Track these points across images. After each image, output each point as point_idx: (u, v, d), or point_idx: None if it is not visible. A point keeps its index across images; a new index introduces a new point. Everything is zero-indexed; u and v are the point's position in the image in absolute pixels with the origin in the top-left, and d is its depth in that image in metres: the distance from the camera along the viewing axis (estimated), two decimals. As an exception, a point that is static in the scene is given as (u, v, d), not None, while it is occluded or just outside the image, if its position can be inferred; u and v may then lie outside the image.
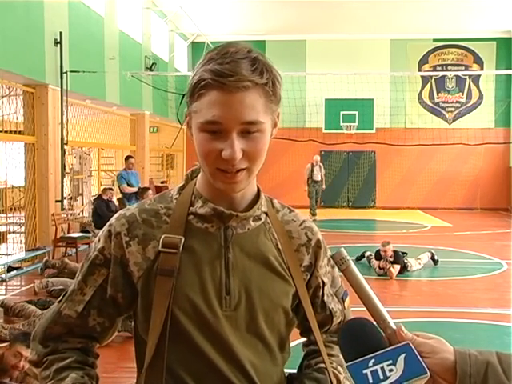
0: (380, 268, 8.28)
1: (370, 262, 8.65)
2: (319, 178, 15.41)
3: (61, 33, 9.72)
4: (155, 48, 15.75)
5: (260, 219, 1.24)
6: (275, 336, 1.22)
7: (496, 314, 6.45)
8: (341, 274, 1.10)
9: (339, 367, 1.30)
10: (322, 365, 1.27)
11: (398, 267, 8.17)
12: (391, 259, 8.18)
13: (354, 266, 1.00)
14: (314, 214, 15.32)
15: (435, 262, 8.96)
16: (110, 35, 12.41)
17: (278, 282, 1.21)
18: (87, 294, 1.22)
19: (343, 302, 1.33)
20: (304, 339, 1.39)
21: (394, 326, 0.95)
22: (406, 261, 8.40)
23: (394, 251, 8.26)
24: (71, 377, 1.18)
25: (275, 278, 1.21)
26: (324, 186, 15.88)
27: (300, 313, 1.25)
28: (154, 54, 15.53)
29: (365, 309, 0.99)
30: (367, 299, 0.98)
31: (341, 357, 1.28)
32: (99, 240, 1.23)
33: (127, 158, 11.46)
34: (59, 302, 1.26)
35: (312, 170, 15.36)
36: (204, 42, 17.23)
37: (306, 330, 1.32)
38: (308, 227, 1.29)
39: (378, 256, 8.39)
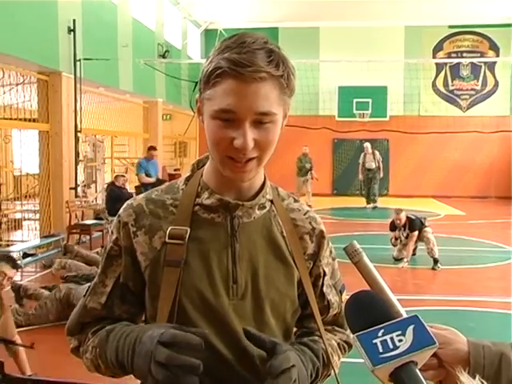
0: (396, 239, 8.34)
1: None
2: (373, 166, 15.21)
3: (74, 20, 9.73)
4: (168, 35, 15.71)
5: (265, 207, 1.25)
6: (281, 325, 1.23)
7: (509, 302, 6.42)
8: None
9: (333, 344, 1.30)
10: (313, 340, 1.26)
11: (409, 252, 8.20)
12: (405, 231, 8.23)
13: (366, 258, 1.01)
14: (368, 202, 15.32)
15: (436, 262, 8.63)
16: (123, 23, 12.40)
17: (285, 270, 1.23)
18: (108, 286, 1.24)
19: (341, 294, 1.34)
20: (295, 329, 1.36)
21: (407, 318, 0.96)
22: (424, 221, 8.31)
23: (408, 218, 8.28)
24: (106, 328, 1.21)
25: (281, 266, 1.23)
26: (382, 174, 15.56)
27: (301, 300, 1.26)
28: (167, 41, 15.50)
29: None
30: (380, 291, 0.98)
31: (333, 341, 1.29)
32: (112, 232, 1.25)
33: (150, 148, 11.49)
34: (84, 295, 1.28)
35: (364, 158, 15.37)
36: (217, 30, 17.18)
37: (301, 318, 1.31)
38: (312, 217, 1.31)
39: (393, 227, 8.51)
